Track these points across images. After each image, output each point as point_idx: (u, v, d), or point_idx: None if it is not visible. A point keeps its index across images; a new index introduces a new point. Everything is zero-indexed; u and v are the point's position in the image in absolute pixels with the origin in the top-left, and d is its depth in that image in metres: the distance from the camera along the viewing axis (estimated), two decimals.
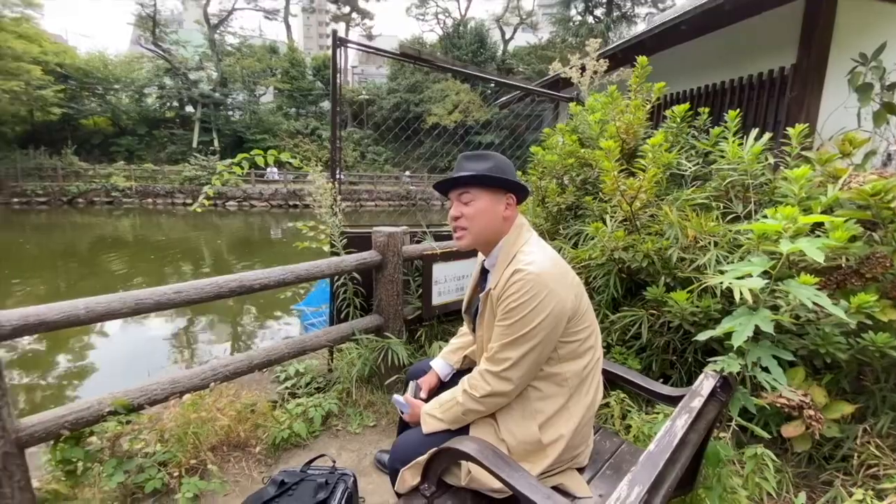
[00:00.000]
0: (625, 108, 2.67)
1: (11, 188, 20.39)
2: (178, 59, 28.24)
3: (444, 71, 3.76)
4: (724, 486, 1.27)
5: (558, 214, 3.01)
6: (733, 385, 1.24)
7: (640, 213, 2.24)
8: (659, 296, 2.01)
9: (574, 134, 3.12)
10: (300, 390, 2.40)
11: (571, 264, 2.48)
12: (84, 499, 1.56)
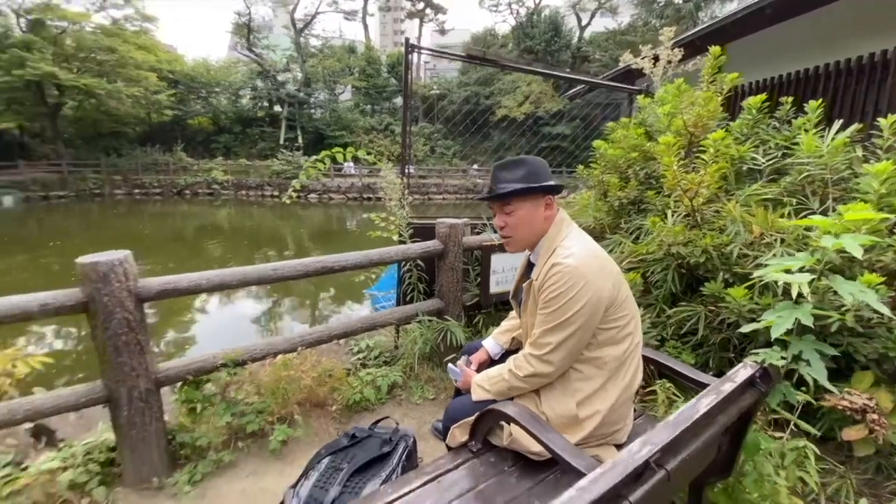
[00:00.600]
0: (695, 100, 2.61)
1: (133, 181, 23.63)
2: (269, 62, 30.70)
3: (507, 69, 3.86)
4: (759, 473, 1.30)
5: (620, 209, 3.02)
6: (774, 376, 1.27)
7: (703, 209, 2.22)
8: (717, 291, 2.00)
9: (642, 127, 3.09)
10: (370, 362, 2.70)
11: (628, 259, 2.54)
12: (201, 432, 1.95)
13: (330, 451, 1.82)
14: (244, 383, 2.08)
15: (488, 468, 1.37)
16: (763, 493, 1.37)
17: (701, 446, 1.14)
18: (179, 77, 27.99)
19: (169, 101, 25.45)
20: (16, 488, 1.70)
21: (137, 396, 1.73)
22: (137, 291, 1.66)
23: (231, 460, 1.93)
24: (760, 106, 2.48)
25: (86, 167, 23.15)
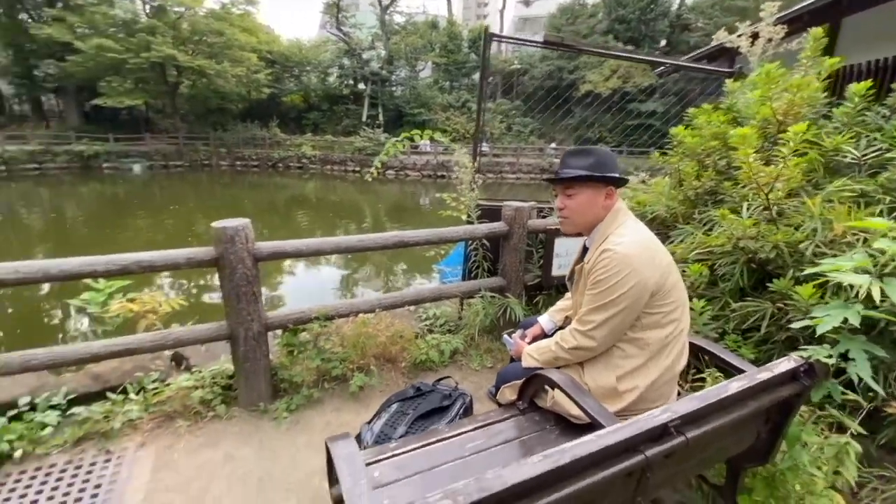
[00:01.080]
0: (788, 85, 2.46)
1: (235, 153, 26.19)
2: (355, 40, 31.83)
3: (585, 53, 3.80)
4: (795, 461, 1.36)
5: (696, 199, 2.94)
6: (819, 372, 1.30)
7: (783, 203, 2.14)
8: (785, 289, 1.96)
9: (730, 112, 2.96)
10: (435, 328, 2.99)
11: (696, 250, 2.51)
12: (296, 371, 2.36)
13: (398, 398, 2.13)
14: (331, 335, 2.46)
15: (532, 424, 1.57)
16: (800, 483, 1.42)
17: (730, 425, 1.24)
18: (276, 57, 30.11)
19: (266, 79, 27.55)
20: (161, 398, 2.23)
21: (251, 336, 2.16)
22: (254, 252, 2.06)
23: (319, 397, 2.32)
24: (866, 93, 2.28)
25: (197, 140, 26.07)
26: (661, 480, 1.24)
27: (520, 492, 0.85)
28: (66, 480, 1.80)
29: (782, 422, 1.41)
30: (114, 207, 15.34)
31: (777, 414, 1.41)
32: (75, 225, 13.03)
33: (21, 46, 23.91)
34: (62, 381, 2.33)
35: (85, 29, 21.98)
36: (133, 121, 27.36)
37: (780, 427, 1.42)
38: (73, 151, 22.00)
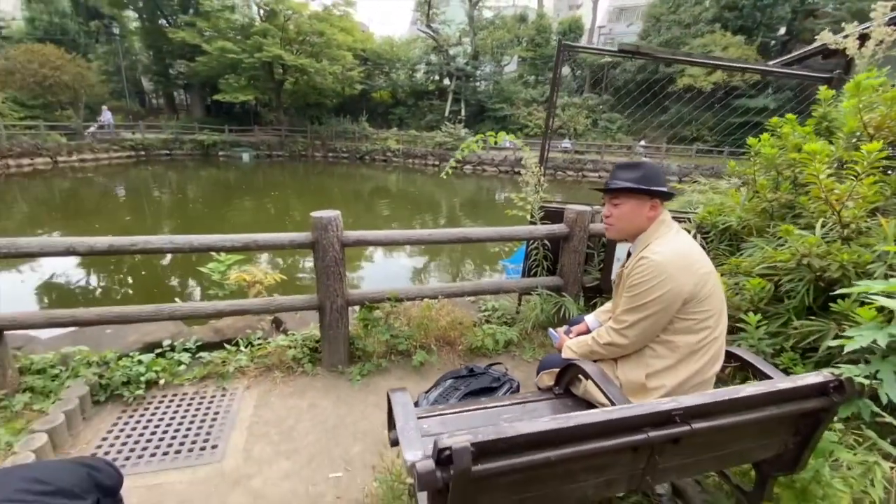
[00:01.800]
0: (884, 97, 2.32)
1: (328, 146, 28.24)
2: (443, 37, 32.52)
3: (664, 61, 3.71)
4: (819, 474, 1.41)
5: (771, 211, 2.85)
6: (848, 389, 1.35)
7: (856, 221, 2.07)
8: (847, 309, 1.92)
9: (822, 122, 2.83)
10: (493, 319, 3.23)
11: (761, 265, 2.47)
12: (369, 343, 2.75)
13: (453, 375, 2.42)
14: (400, 315, 2.82)
15: (563, 408, 1.77)
16: (825, 495, 1.46)
17: (749, 428, 1.35)
18: (369, 55, 31.82)
19: (359, 76, 29.27)
20: (263, 353, 2.74)
21: (335, 309, 2.57)
22: (342, 239, 2.46)
23: (386, 366, 2.69)
24: None
25: (297, 132, 28.53)
26: (672, 466, 1.38)
27: (528, 441, 1.08)
28: (194, 405, 2.35)
29: (811, 434, 1.47)
30: (225, 190, 17.50)
31: (806, 426, 1.47)
32: (195, 204, 15.12)
33: (160, 48, 27.91)
34: (192, 331, 2.94)
35: (211, 32, 25.02)
36: (244, 114, 30.74)
37: (809, 439, 1.48)
38: (196, 140, 25.29)
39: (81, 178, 17.96)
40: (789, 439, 1.51)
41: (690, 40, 28.24)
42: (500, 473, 1.09)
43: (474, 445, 1.01)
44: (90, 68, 25.08)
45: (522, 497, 1.22)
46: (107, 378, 2.35)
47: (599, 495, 1.37)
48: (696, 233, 3.09)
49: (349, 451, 2.06)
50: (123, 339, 2.73)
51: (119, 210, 13.16)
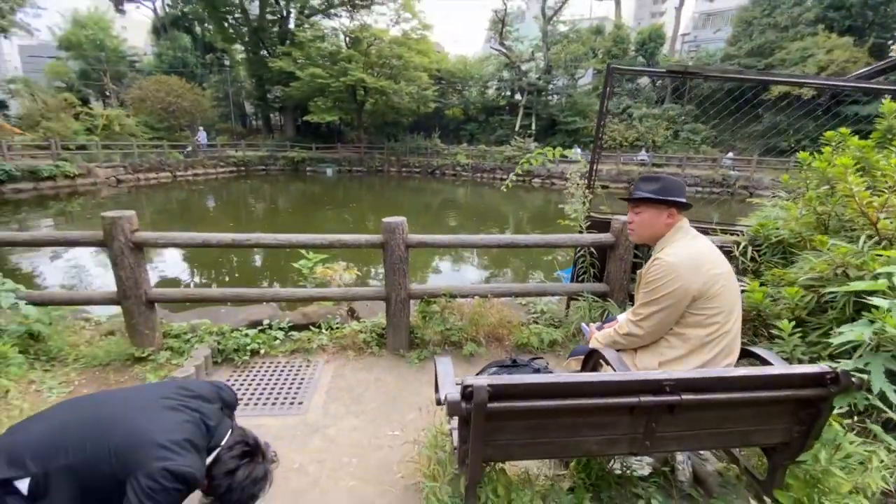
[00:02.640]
0: None
1: (402, 161, 29.79)
2: (515, 53, 33.01)
3: (713, 80, 3.74)
4: (818, 460, 1.54)
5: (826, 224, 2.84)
6: (843, 381, 1.48)
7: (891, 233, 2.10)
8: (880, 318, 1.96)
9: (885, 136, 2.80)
10: (540, 321, 3.49)
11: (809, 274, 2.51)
12: (426, 332, 3.16)
13: (497, 364, 2.73)
14: (454, 310, 3.21)
15: None
16: (828, 482, 1.58)
17: (739, 406, 1.54)
18: (443, 74, 33.23)
19: (433, 95, 30.66)
20: (340, 335, 3.26)
21: (399, 301, 3.03)
22: (407, 241, 2.91)
23: (440, 353, 3.08)
24: None
25: (374, 149, 30.48)
26: (671, 436, 1.59)
27: (534, 391, 1.40)
28: (286, 372, 2.91)
29: (813, 424, 1.60)
30: (311, 202, 19.25)
31: (808, 416, 1.61)
32: (285, 213, 16.87)
33: (260, 76, 31.45)
34: (285, 315, 3.56)
35: (303, 61, 27.77)
36: (330, 133, 33.49)
37: (812, 428, 1.61)
38: (288, 157, 28.03)
39: (195, 190, 20.76)
40: (793, 428, 1.65)
41: (788, 44, 26.03)
42: (512, 413, 1.42)
43: (491, 387, 1.36)
44: (205, 95, 29.02)
45: (534, 442, 1.53)
46: (223, 345, 2.99)
47: (602, 451, 1.63)
48: (747, 245, 3.14)
49: (405, 417, 2.47)
50: (234, 317, 3.41)
51: (224, 217, 15.13)
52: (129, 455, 1.27)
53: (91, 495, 1.30)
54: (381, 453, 2.20)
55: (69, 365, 2.80)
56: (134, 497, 1.23)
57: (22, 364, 2.61)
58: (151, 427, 1.32)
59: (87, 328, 3.28)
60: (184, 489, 1.30)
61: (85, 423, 1.36)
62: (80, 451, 1.29)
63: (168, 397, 1.45)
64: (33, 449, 1.32)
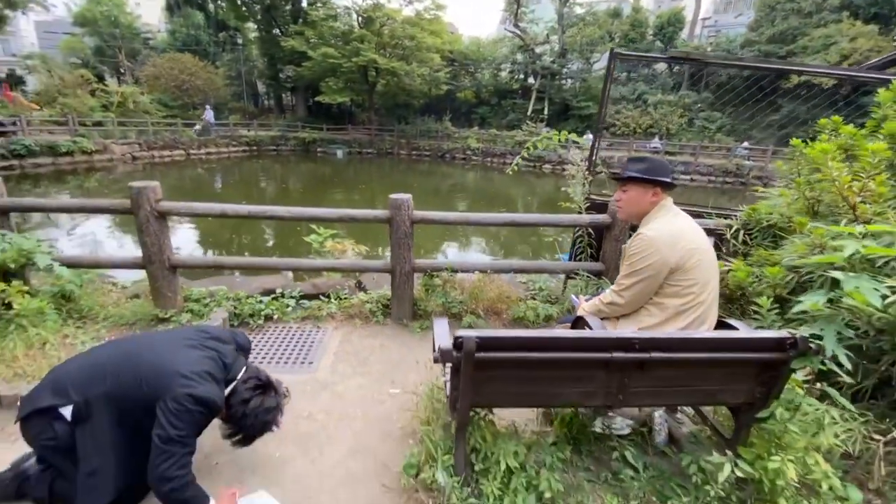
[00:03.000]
0: None
1: (412, 144, 29.76)
2: (530, 36, 32.46)
3: (714, 66, 3.78)
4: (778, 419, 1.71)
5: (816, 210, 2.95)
6: (801, 345, 1.63)
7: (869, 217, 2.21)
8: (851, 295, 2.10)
9: (885, 124, 2.87)
10: (537, 297, 3.66)
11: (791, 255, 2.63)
12: (429, 304, 3.35)
13: None
14: (455, 284, 3.39)
15: None
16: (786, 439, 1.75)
17: (706, 366, 1.70)
18: (456, 56, 32.85)
19: (445, 77, 30.39)
20: (348, 305, 3.46)
21: (403, 273, 3.21)
22: (412, 217, 3.08)
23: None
24: None
25: (385, 131, 30.46)
26: (643, 391, 1.76)
27: (518, 343, 1.58)
28: (297, 336, 3.13)
29: (773, 385, 1.76)
30: (321, 183, 19.45)
31: (769, 378, 1.77)
32: (296, 192, 17.11)
33: (273, 55, 31.40)
34: (296, 285, 3.77)
35: (315, 40, 27.64)
36: (341, 114, 33.48)
37: (772, 389, 1.77)
38: (299, 137, 28.16)
39: (207, 168, 21.06)
40: (756, 389, 1.81)
41: (811, 31, 25.27)
42: (498, 363, 1.60)
43: (478, 338, 1.54)
44: (217, 74, 29.07)
45: (519, 391, 1.71)
46: (239, 310, 3.22)
47: (581, 403, 1.82)
48: (739, 229, 3.26)
49: (406, 378, 2.67)
50: (249, 285, 3.63)
51: (236, 195, 15.41)
52: (156, 383, 1.48)
53: (127, 418, 1.52)
54: (383, 407, 2.41)
55: (99, 322, 3.04)
56: (163, 417, 1.44)
57: (56, 320, 2.86)
58: (175, 360, 1.54)
59: (114, 291, 3.53)
60: (205, 412, 1.52)
61: (118, 358, 1.58)
62: (114, 381, 1.51)
63: (189, 338, 1.67)
64: (74, 381, 1.54)
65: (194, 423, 1.51)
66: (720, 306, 2.90)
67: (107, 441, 1.49)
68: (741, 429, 1.94)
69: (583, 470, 2.02)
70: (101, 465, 1.48)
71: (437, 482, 1.80)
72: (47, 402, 1.51)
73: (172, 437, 1.44)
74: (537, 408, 2.14)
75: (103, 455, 1.48)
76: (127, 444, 1.52)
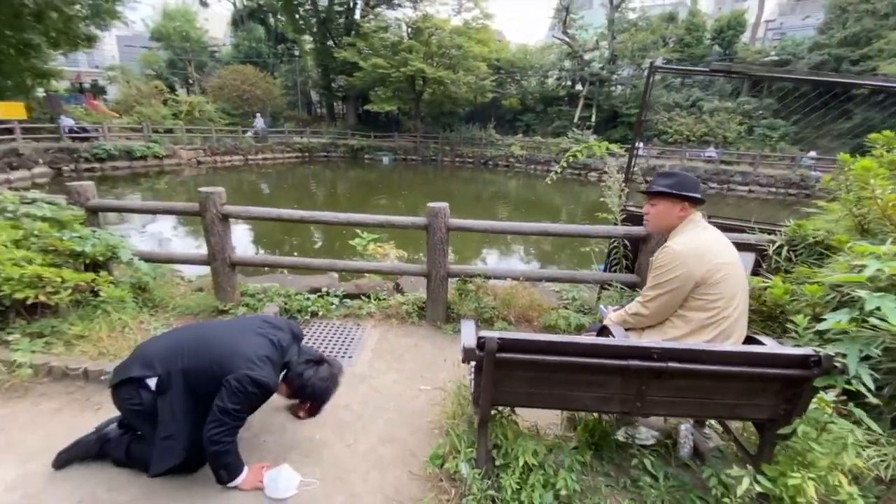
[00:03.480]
0: None
1: (456, 151, 30.10)
2: (578, 42, 32.03)
3: (761, 79, 3.66)
4: (800, 435, 1.71)
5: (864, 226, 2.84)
6: (824, 364, 1.63)
7: None
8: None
9: None
10: (570, 307, 3.71)
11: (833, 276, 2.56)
12: (462, 308, 3.50)
13: None
14: (488, 290, 3.52)
15: None
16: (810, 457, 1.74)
17: (724, 379, 1.74)
18: (503, 64, 32.99)
19: (491, 85, 30.58)
20: (386, 305, 3.67)
21: (439, 278, 3.38)
22: (448, 224, 3.25)
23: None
24: None
25: (430, 139, 31.04)
26: (660, 400, 1.81)
27: (538, 347, 1.69)
28: (339, 331, 3.37)
29: (796, 401, 1.76)
30: (367, 188, 20.16)
31: (793, 395, 1.77)
32: (343, 197, 17.84)
33: (326, 66, 32.89)
34: (340, 285, 4.04)
35: (366, 51, 28.72)
36: (388, 122, 34.49)
37: (795, 406, 1.76)
38: (348, 144, 29.28)
39: (263, 173, 22.38)
40: (780, 405, 1.81)
41: (887, 33, 23.32)
42: (518, 364, 1.72)
43: (500, 339, 1.67)
44: (275, 84, 30.83)
45: (537, 392, 1.82)
46: (288, 305, 3.51)
47: (597, 408, 1.89)
48: (783, 245, 3.18)
49: (437, 376, 2.83)
50: (298, 284, 3.93)
51: (288, 199, 16.31)
52: (225, 363, 1.73)
53: (199, 391, 1.78)
54: (414, 402, 2.58)
55: (168, 311, 3.43)
56: (225, 392, 1.70)
57: (134, 307, 3.25)
58: (242, 345, 1.78)
59: (182, 284, 3.94)
60: (260, 394, 1.76)
61: (197, 339, 1.85)
62: (192, 358, 1.78)
63: (254, 326, 1.93)
64: (159, 356, 1.82)
65: (249, 402, 1.75)
66: (756, 323, 2.87)
67: (180, 410, 1.75)
68: (765, 445, 1.94)
69: (602, 475, 2.08)
70: (176, 431, 1.75)
71: (460, 472, 1.93)
72: (136, 373, 1.79)
73: (228, 410, 1.69)
74: (555, 409, 2.21)
75: (177, 422, 1.75)
76: (196, 414, 1.77)
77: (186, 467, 1.85)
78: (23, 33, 15.19)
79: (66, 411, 2.35)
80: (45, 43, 16.32)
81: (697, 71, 3.42)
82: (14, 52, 16.40)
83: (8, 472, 1.94)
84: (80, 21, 17.24)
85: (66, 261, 2.99)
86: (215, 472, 1.81)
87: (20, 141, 16.15)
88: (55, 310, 2.91)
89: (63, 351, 2.70)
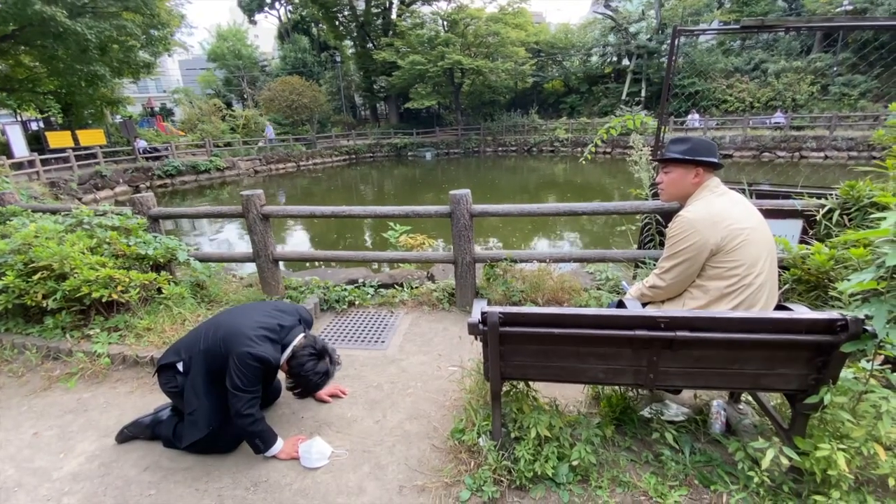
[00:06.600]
0: None
1: (498, 140, 29.80)
2: (622, 14, 30.43)
3: (794, 30, 3.32)
4: (830, 404, 1.61)
5: None
6: (852, 328, 1.53)
7: None
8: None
9: None
10: (603, 288, 3.64)
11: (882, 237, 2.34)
12: (490, 292, 3.55)
13: None
14: (515, 273, 3.54)
15: None
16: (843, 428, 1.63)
17: (742, 347, 1.67)
18: (542, 46, 32.09)
19: (531, 69, 29.88)
20: (418, 293, 3.80)
21: (465, 263, 3.45)
22: (471, 210, 3.31)
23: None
24: None
25: (471, 130, 30.94)
26: (674, 371, 1.78)
27: (539, 319, 1.72)
28: (374, 318, 3.55)
29: (825, 370, 1.66)
30: (411, 184, 20.55)
31: (821, 363, 1.67)
32: (388, 195, 18.32)
33: (367, 68, 33.70)
34: (375, 276, 4.23)
35: (404, 49, 29.09)
36: (429, 117, 34.78)
37: (825, 375, 1.66)
38: (392, 143, 29.91)
39: (314, 177, 23.47)
40: (810, 374, 1.71)
41: None
42: (522, 337, 1.76)
43: (502, 314, 1.73)
44: (321, 91, 32.04)
45: (546, 364, 1.85)
46: (327, 296, 3.74)
47: (609, 380, 1.89)
48: (833, 208, 2.94)
49: (464, 358, 2.90)
50: (336, 276, 4.17)
51: (338, 199, 17.03)
52: (229, 341, 1.95)
53: (214, 369, 2.01)
54: (440, 381, 2.68)
55: (222, 305, 3.76)
56: (232, 369, 1.93)
57: (193, 302, 3.61)
58: (244, 325, 2.00)
59: (234, 281, 4.31)
60: (261, 367, 1.96)
61: (210, 326, 2.12)
62: (206, 342, 2.02)
63: (263, 309, 2.14)
64: (186, 343, 2.10)
65: (254, 375, 1.95)
66: (801, 294, 2.69)
67: (200, 388, 2.00)
68: (797, 418, 1.84)
69: (624, 449, 2.07)
70: (198, 407, 1.99)
71: (478, 445, 2.01)
72: (170, 360, 2.08)
73: (238, 385, 1.90)
74: (568, 383, 2.21)
75: (199, 399, 1.99)
76: (214, 390, 2.01)
77: (218, 445, 2.09)
78: (90, 66, 16.98)
79: (136, 393, 2.69)
80: (109, 73, 18.11)
81: (725, 30, 3.23)
82: (84, 84, 18.39)
83: (91, 445, 2.28)
84: (137, 50, 18.94)
85: (133, 263, 3.38)
86: (251, 443, 2.03)
87: (103, 164, 18.09)
88: (127, 306, 3.31)
89: (134, 342, 3.07)
